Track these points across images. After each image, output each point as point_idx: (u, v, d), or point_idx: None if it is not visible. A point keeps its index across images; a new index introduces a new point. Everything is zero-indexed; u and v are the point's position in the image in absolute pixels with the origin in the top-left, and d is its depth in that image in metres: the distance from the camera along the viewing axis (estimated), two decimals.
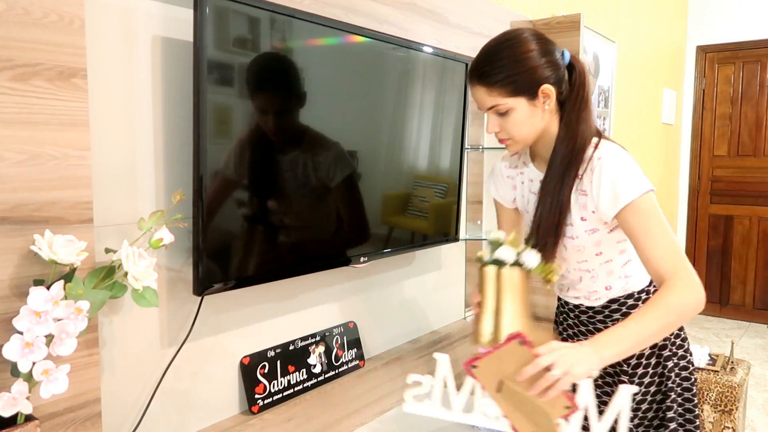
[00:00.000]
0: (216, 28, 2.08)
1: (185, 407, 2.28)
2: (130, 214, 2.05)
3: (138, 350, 2.11)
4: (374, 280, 3.16)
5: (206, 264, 2.11)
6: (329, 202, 2.64)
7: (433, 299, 3.67)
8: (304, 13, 2.44)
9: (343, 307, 2.97)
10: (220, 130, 2.14)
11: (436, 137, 3.26)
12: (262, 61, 2.29)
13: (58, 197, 1.72)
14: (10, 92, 1.62)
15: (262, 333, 2.55)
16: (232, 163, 2.18)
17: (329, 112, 2.59)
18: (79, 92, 1.76)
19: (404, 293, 3.41)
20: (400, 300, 3.37)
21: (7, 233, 1.63)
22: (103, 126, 1.97)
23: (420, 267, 3.52)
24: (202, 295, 2.14)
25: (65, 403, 1.76)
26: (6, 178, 1.62)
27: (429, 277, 3.61)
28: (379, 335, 3.23)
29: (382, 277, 3.23)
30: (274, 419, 2.51)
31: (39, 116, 1.68)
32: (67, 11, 1.73)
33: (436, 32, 3.37)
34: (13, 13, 1.62)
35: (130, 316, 2.07)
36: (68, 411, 1.77)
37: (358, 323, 3.06)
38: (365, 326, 3.12)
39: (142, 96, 2.07)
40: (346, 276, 2.96)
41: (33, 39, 1.66)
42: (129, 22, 2.02)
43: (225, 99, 2.14)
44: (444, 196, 3.40)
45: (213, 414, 2.38)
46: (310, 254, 2.59)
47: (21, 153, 1.65)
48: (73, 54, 1.75)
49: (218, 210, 2.15)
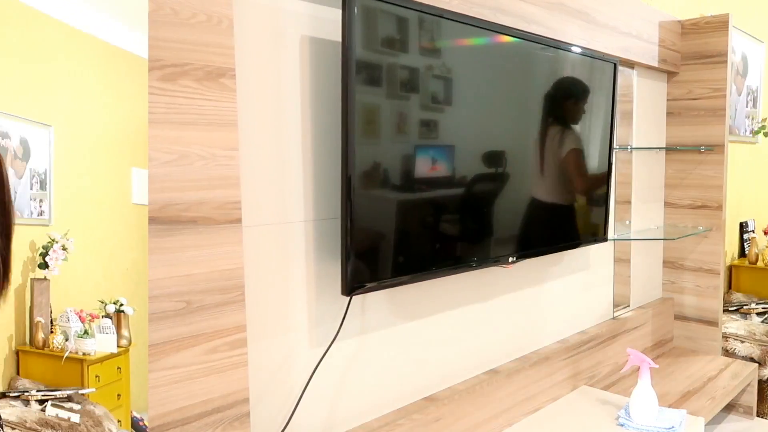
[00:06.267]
0: (364, 28, 1.92)
1: (333, 407, 2.12)
2: (278, 214, 1.92)
3: (286, 350, 1.96)
4: (522, 281, 2.94)
5: (354, 264, 1.94)
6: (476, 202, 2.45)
7: (582, 299, 3.39)
8: (453, 13, 2.26)
9: (490, 308, 2.76)
10: (369, 129, 1.98)
11: (584, 137, 3.01)
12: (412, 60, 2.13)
13: (206, 197, 1.59)
14: (158, 92, 1.50)
15: (409, 333, 2.38)
16: (380, 163, 2.03)
17: (477, 111, 2.39)
18: (228, 92, 1.63)
19: (552, 293, 3.16)
20: (548, 300, 3.13)
21: (156, 233, 1.51)
22: (251, 126, 1.83)
23: (568, 267, 3.26)
24: (351, 295, 1.98)
25: (214, 403, 1.63)
26: (155, 178, 1.50)
27: (577, 277, 3.34)
28: (526, 335, 3.01)
29: (530, 278, 3.00)
30: (423, 419, 2.33)
31: (187, 116, 1.55)
32: (216, 11, 1.60)
33: (584, 32, 3.12)
34: (162, 13, 1.50)
35: (277, 316, 1.94)
36: (216, 411, 1.63)
37: (505, 323, 2.85)
38: (512, 326, 2.90)
39: (290, 96, 1.93)
40: (494, 276, 2.75)
41: (181, 39, 1.53)
42: (277, 21, 1.88)
43: (373, 99, 1.98)
44: (593, 197, 3.15)
45: (361, 414, 2.22)
46: (458, 254, 2.40)
47: (169, 153, 1.52)
48: (221, 54, 1.61)
49: (366, 210, 1.99)
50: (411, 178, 2.14)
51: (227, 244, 1.63)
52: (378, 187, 2.03)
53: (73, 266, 4.21)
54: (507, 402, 2.73)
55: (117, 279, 4.74)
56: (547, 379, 2.97)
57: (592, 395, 3.15)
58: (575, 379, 3.19)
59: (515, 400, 2.77)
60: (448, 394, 2.47)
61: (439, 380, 2.51)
